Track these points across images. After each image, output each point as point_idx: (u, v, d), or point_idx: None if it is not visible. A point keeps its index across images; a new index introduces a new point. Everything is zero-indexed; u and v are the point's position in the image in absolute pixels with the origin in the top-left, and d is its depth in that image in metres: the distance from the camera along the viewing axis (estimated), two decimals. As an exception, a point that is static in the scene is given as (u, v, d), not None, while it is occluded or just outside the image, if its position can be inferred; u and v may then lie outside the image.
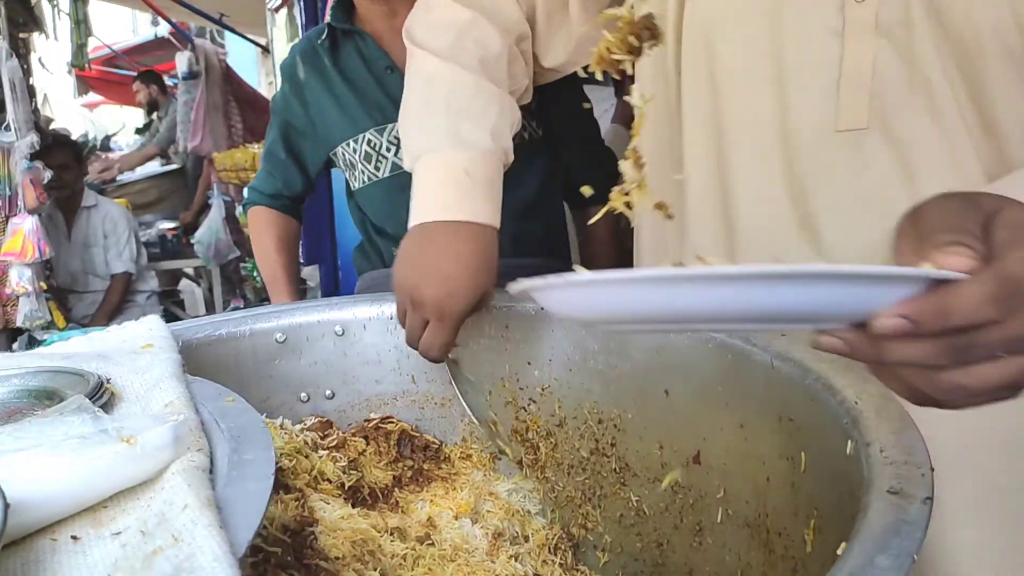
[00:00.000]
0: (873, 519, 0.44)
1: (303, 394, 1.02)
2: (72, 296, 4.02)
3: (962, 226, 0.45)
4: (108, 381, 0.64)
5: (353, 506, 0.91)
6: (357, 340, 1.02)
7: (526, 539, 0.98)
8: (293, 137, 1.63)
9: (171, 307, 4.94)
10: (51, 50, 4.79)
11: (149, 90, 6.21)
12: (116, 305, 3.90)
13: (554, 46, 0.98)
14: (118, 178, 5.82)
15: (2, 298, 2.92)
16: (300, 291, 1.86)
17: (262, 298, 4.71)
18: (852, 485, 0.54)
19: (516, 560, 0.93)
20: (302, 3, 2.82)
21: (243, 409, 0.56)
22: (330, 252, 2.75)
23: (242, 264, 4.99)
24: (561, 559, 0.97)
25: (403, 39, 1.00)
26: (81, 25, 4.16)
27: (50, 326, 2.91)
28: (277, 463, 0.82)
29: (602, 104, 2.65)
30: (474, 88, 0.87)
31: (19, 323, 2.89)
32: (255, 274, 4.74)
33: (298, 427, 0.96)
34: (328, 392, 1.03)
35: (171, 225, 5.21)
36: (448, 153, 0.85)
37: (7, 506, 0.37)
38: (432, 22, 0.95)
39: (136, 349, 0.73)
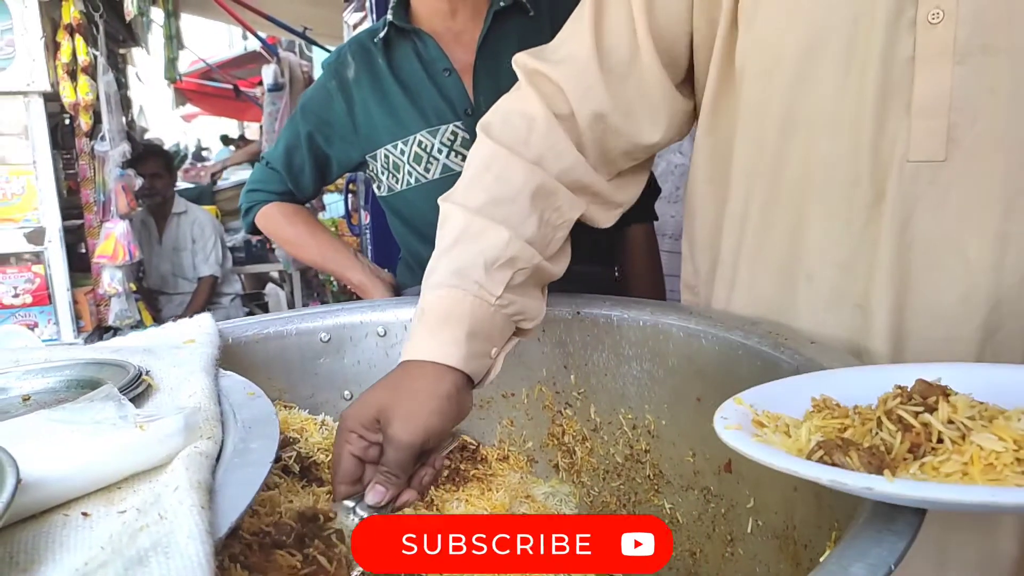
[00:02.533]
0: (860, 528, 0.43)
1: (347, 392, 1.05)
2: (162, 297, 4.24)
3: None
4: (147, 373, 0.68)
5: (389, 502, 0.93)
6: (398, 341, 1.05)
7: (561, 543, 0.98)
8: (324, 138, 1.56)
9: (254, 309, 5.14)
10: (148, 64, 5.08)
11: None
12: (202, 306, 4.09)
13: (644, 128, 0.93)
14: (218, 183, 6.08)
15: (95, 298, 3.10)
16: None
17: (340, 301, 4.83)
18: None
19: (548, 563, 0.93)
20: (374, 15, 2.90)
21: (261, 402, 0.59)
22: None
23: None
24: (595, 564, 0.97)
25: None
26: (173, 40, 4.39)
27: (138, 325, 3.08)
28: (311, 458, 0.85)
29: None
30: (463, 226, 0.83)
31: (110, 322, 3.08)
32: (331, 279, 4.88)
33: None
34: (371, 391, 1.06)
35: (256, 231, 5.42)
36: (423, 293, 0.82)
37: (19, 481, 0.40)
38: (472, 158, 0.92)
39: (179, 344, 0.77)
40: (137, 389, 0.64)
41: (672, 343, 0.91)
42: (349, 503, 0.72)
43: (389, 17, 1.50)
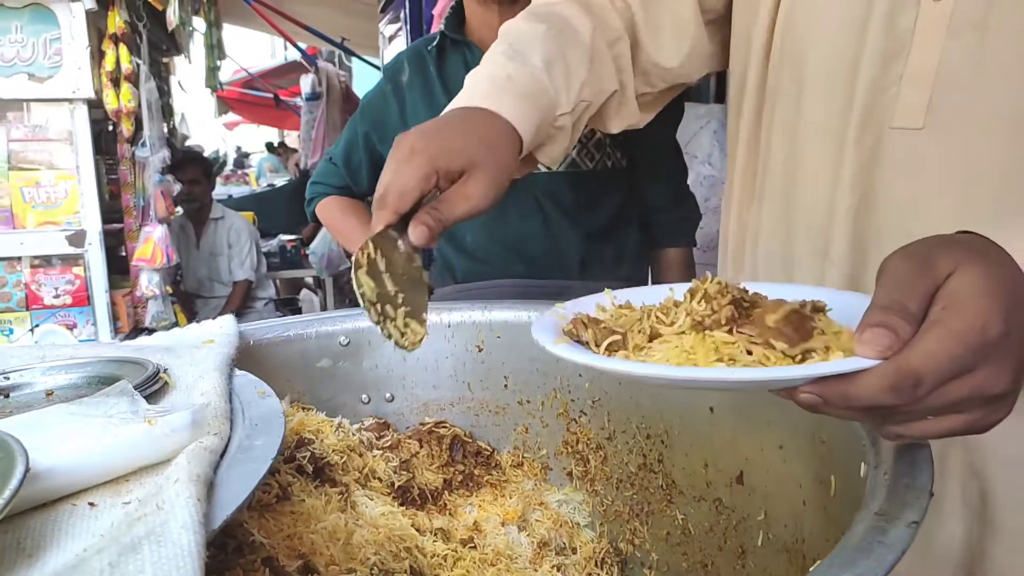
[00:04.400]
0: (852, 539, 0.43)
1: (364, 396, 1.07)
2: (198, 300, 4.32)
3: (898, 301, 0.48)
4: (165, 371, 0.70)
5: (402, 505, 0.94)
6: (417, 346, 1.06)
7: (574, 551, 0.98)
8: (378, 137, 1.65)
9: (288, 314, 5.21)
10: (190, 72, 5.20)
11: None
12: (236, 310, 4.16)
13: (665, 45, 0.96)
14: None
15: (133, 300, 3.18)
16: None
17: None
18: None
19: (559, 571, 0.93)
20: (408, 26, 2.94)
21: (270, 402, 0.60)
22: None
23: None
24: (607, 573, 0.97)
25: None
26: (214, 49, 4.49)
27: (174, 327, 3.14)
28: (325, 459, 0.87)
29: (700, 120, 2.62)
30: (543, 36, 0.85)
31: (147, 323, 3.14)
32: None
33: (356, 426, 1.01)
34: (388, 395, 1.07)
35: (292, 237, 5.51)
36: (497, 64, 0.82)
37: (27, 471, 0.42)
38: (526, 10, 0.94)
39: (198, 344, 0.79)
40: (154, 386, 0.66)
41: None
42: (393, 233, 0.68)
43: (442, 27, 1.58)
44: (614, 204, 1.56)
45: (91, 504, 0.46)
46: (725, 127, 2.73)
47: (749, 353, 0.51)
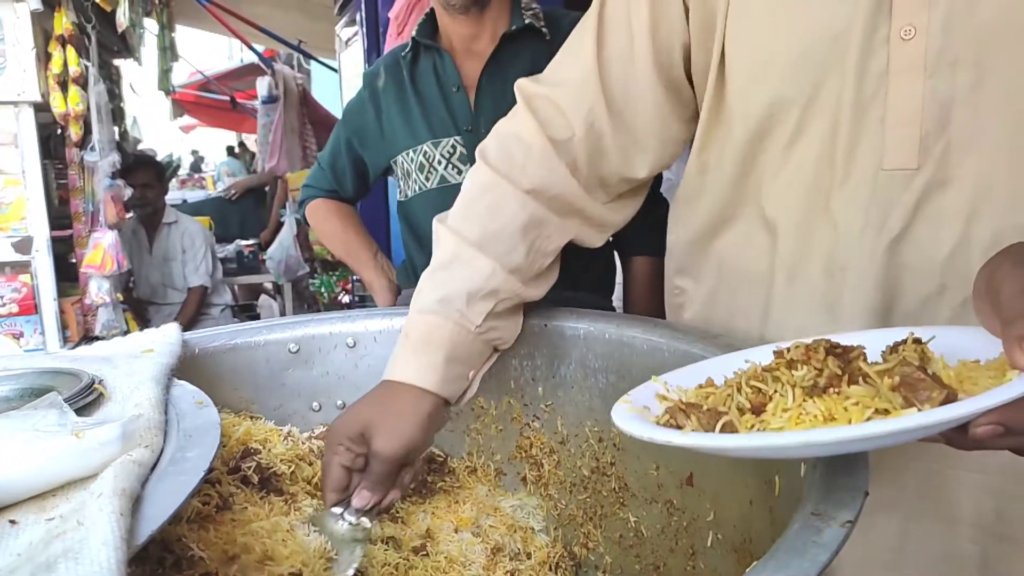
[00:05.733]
0: (787, 539, 0.43)
1: (315, 403, 1.05)
2: (151, 307, 4.23)
3: None
4: (100, 382, 0.68)
5: (352, 514, 0.93)
6: (368, 352, 1.05)
7: (528, 556, 0.98)
8: (359, 142, 1.70)
9: (246, 320, 5.13)
10: (143, 75, 5.10)
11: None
12: (191, 317, 4.09)
13: (635, 162, 0.95)
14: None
15: (83, 308, 3.10)
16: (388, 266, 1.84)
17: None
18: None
19: (513, 576, 0.93)
20: (364, 29, 2.92)
21: (207, 412, 0.59)
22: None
23: (311, 280, 5.15)
24: (561, 578, 0.97)
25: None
26: (167, 51, 4.40)
27: (126, 335, 3.06)
28: (272, 469, 0.85)
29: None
30: (452, 252, 0.88)
31: (97, 332, 3.07)
32: (323, 290, 4.88)
33: (305, 435, 0.99)
34: (340, 402, 1.05)
35: (249, 242, 5.44)
36: (413, 321, 0.87)
37: (-58, 488, 0.40)
38: (468, 182, 0.94)
39: (137, 353, 0.77)
40: (88, 397, 0.64)
41: (637, 355, 0.91)
42: (337, 509, 0.80)
43: (414, 34, 1.61)
44: None
45: (12, 522, 0.44)
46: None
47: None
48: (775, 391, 0.52)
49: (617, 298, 1.85)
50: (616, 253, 1.74)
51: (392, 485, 0.82)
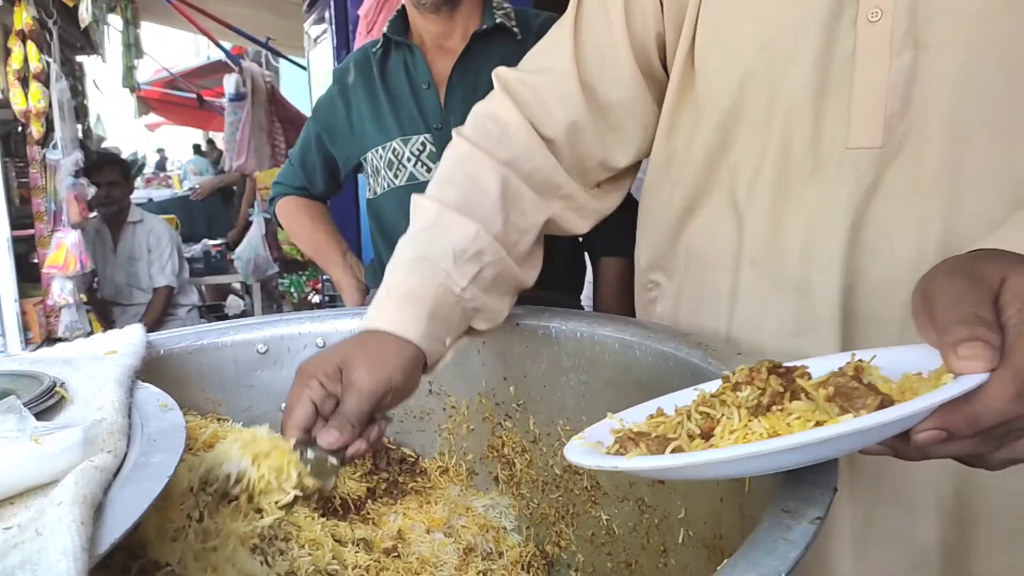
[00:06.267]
0: (758, 536, 0.43)
1: (284, 404, 1.03)
2: (116, 308, 4.15)
3: (973, 314, 0.47)
4: (62, 385, 0.66)
5: (323, 516, 0.92)
6: (338, 352, 1.04)
7: (500, 555, 0.98)
8: (329, 139, 1.68)
9: (214, 321, 5.06)
10: (107, 72, 5.00)
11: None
12: (157, 318, 4.02)
13: (614, 149, 0.96)
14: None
15: (45, 309, 3.03)
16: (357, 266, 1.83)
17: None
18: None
19: (486, 576, 0.93)
20: (333, 26, 2.89)
21: (172, 415, 0.58)
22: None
23: (280, 280, 5.10)
24: (534, 577, 0.97)
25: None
26: (132, 48, 4.33)
27: (89, 337, 3.01)
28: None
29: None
30: (434, 216, 0.86)
31: (60, 333, 3.01)
32: (292, 290, 4.84)
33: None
34: (309, 403, 1.04)
35: (217, 241, 5.36)
36: (393, 276, 0.84)
37: None
38: (445, 156, 0.94)
39: (100, 355, 0.75)
40: (48, 401, 0.63)
41: (608, 354, 0.91)
42: (303, 448, 0.72)
43: (385, 30, 1.61)
44: None
45: (-32, 530, 0.43)
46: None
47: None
48: (722, 414, 0.52)
49: (587, 297, 1.86)
50: (587, 254, 1.75)
51: (359, 432, 0.74)
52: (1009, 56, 0.70)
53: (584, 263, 1.74)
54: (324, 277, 3.85)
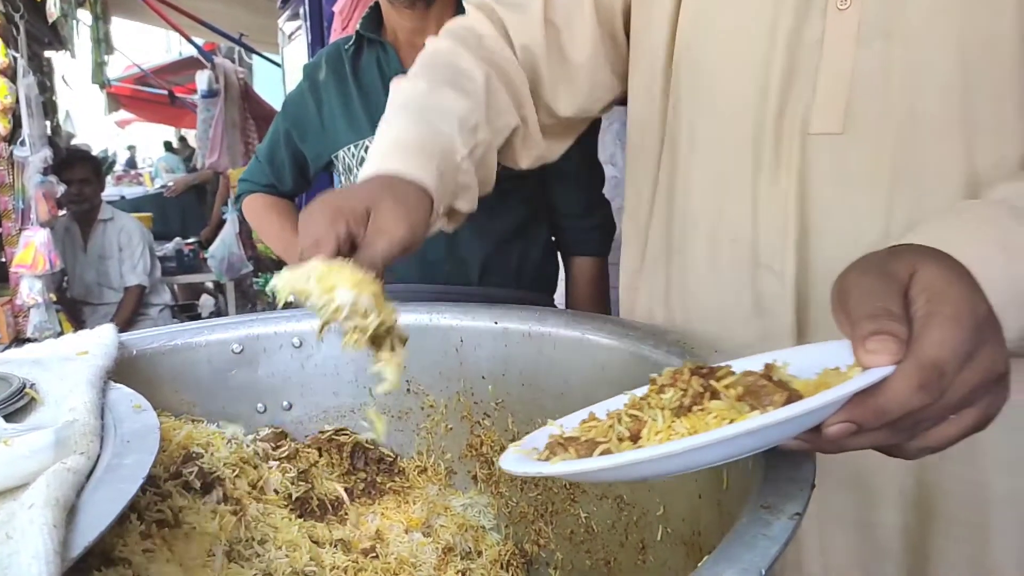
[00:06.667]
0: (737, 533, 0.43)
1: (260, 405, 1.02)
2: (86, 308, 4.09)
3: (882, 308, 0.48)
4: (32, 386, 0.65)
5: (300, 517, 0.91)
6: (315, 352, 1.03)
7: (479, 554, 0.98)
8: (298, 135, 1.66)
9: (186, 321, 5.00)
10: (77, 68, 4.92)
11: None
12: (128, 317, 3.96)
13: (561, 95, 0.98)
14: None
15: (13, 309, 2.98)
16: None
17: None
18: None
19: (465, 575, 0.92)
20: (308, 23, 2.87)
21: (145, 416, 0.57)
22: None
23: (255, 279, 5.05)
24: (512, 575, 0.97)
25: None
26: (101, 43, 4.26)
27: (59, 337, 2.96)
28: (215, 473, 0.83)
29: (602, 121, 2.65)
30: (426, 88, 0.86)
31: (29, 333, 2.95)
32: (267, 289, 4.79)
33: (250, 437, 0.97)
34: (285, 403, 1.03)
35: (190, 240, 5.30)
36: (389, 128, 0.82)
37: None
38: (422, 54, 0.95)
39: (71, 356, 0.74)
40: (18, 402, 0.61)
41: (586, 352, 0.91)
42: None
43: (358, 27, 1.60)
44: (519, 210, 1.57)
45: (-64, 536, 0.42)
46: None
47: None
48: (649, 417, 0.53)
49: (560, 296, 1.86)
50: (559, 253, 1.75)
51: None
52: (965, 49, 0.72)
53: (557, 262, 1.74)
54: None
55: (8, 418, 0.58)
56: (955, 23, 0.72)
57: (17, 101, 2.89)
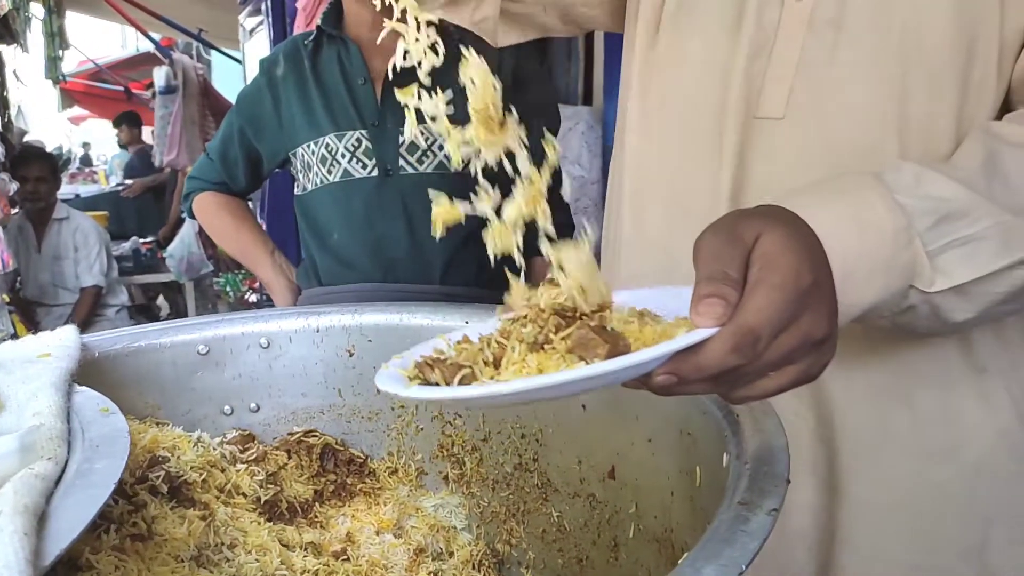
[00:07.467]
0: (716, 529, 0.44)
1: (227, 407, 1.01)
2: (40, 309, 3.98)
3: (720, 271, 0.52)
4: (-8, 390, 0.63)
5: (269, 521, 0.90)
6: (283, 353, 1.01)
7: (451, 555, 0.97)
8: (253, 132, 1.62)
9: (144, 322, 4.90)
10: (29, 63, 4.79)
11: (131, 133, 6.61)
12: (85, 318, 3.87)
13: None
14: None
15: (-37, 311, 2.89)
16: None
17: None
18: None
19: (436, 576, 0.92)
20: (270, 19, 2.83)
21: (114, 420, 0.55)
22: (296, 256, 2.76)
23: (215, 279, 4.97)
24: (484, 575, 0.97)
25: None
26: (55, 38, 4.15)
27: (12, 339, 2.87)
28: (182, 477, 0.81)
29: (568, 121, 2.67)
30: None
31: (-20, 336, 2.87)
32: (228, 289, 4.72)
33: (217, 440, 0.95)
34: (253, 405, 1.02)
35: (147, 239, 5.19)
36: None
37: None
38: None
39: (33, 358, 0.72)
40: (-22, 408, 0.59)
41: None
42: None
43: (319, 22, 1.57)
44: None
45: (-103, 546, 0.40)
46: (593, 129, 2.80)
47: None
48: (510, 347, 0.56)
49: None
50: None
51: None
52: (904, 46, 0.74)
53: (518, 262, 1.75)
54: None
55: (-32, 424, 0.56)
56: (898, 20, 0.74)
57: (-34, 96, 2.81)
